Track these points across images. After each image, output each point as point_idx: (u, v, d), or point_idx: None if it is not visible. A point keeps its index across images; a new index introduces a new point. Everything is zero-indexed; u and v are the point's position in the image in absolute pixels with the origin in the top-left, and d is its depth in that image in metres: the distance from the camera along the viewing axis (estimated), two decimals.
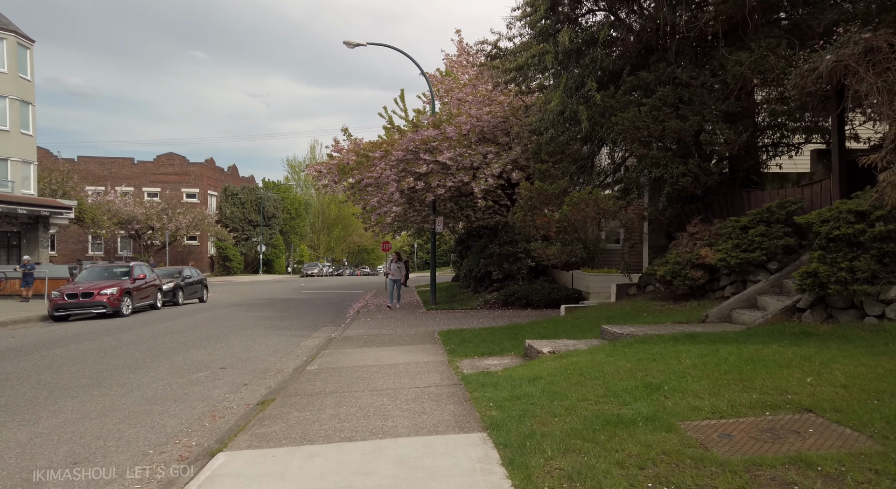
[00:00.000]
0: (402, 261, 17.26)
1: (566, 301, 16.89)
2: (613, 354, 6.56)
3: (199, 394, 7.10)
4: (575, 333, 9.09)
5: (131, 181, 52.18)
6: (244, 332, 13.52)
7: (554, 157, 11.74)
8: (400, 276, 17.21)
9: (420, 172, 15.13)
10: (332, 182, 19.53)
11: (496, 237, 20.89)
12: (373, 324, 14.53)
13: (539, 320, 12.36)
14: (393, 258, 17.89)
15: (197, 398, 6.91)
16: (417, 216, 19.25)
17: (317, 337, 12.82)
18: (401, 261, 17.37)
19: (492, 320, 14.46)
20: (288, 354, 10.35)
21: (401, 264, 17.39)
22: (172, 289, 22.49)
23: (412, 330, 12.93)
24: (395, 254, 18.19)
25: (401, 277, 17.11)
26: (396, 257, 17.97)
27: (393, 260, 17.89)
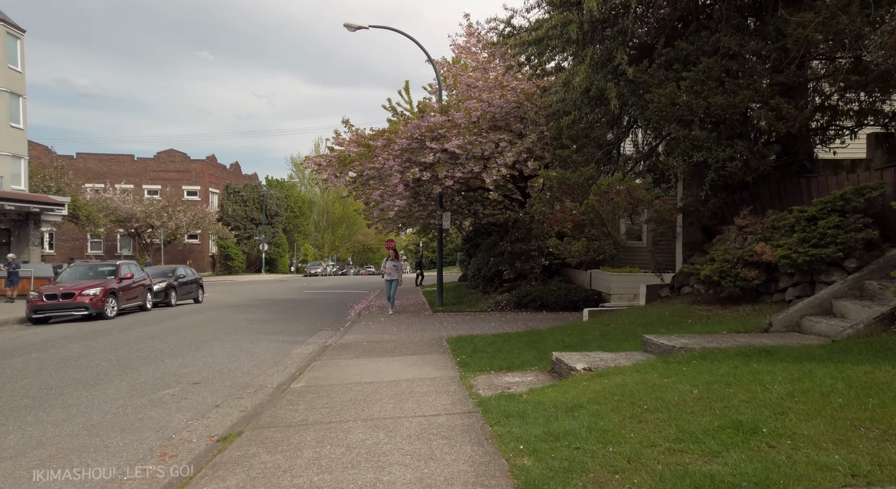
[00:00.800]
0: (398, 260, 15.57)
1: (585, 303, 15.54)
2: (669, 374, 5.21)
3: (156, 421, 5.80)
4: (608, 344, 7.74)
5: (131, 178, 51.10)
6: (232, 338, 12.25)
7: (577, 142, 10.42)
8: (397, 276, 15.40)
9: (426, 162, 13.81)
10: (333, 176, 18.25)
11: (506, 234, 19.55)
12: (374, 328, 13.22)
13: (560, 326, 11.01)
14: (390, 255, 15.80)
15: (151, 426, 5.61)
16: (423, 211, 17.92)
17: (311, 343, 11.53)
18: (398, 260, 15.62)
19: (505, 324, 13.12)
20: (275, 365, 9.05)
21: (398, 263, 15.61)
22: (164, 290, 21.26)
23: (417, 335, 11.62)
24: (392, 251, 15.89)
25: (398, 277, 15.41)
26: (393, 255, 15.78)
27: (389, 257, 15.78)
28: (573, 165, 10.34)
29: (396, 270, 15.63)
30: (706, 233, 10.65)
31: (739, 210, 8.95)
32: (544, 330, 10.62)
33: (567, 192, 10.10)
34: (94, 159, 51.26)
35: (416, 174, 13.70)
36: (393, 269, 15.55)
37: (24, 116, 28.86)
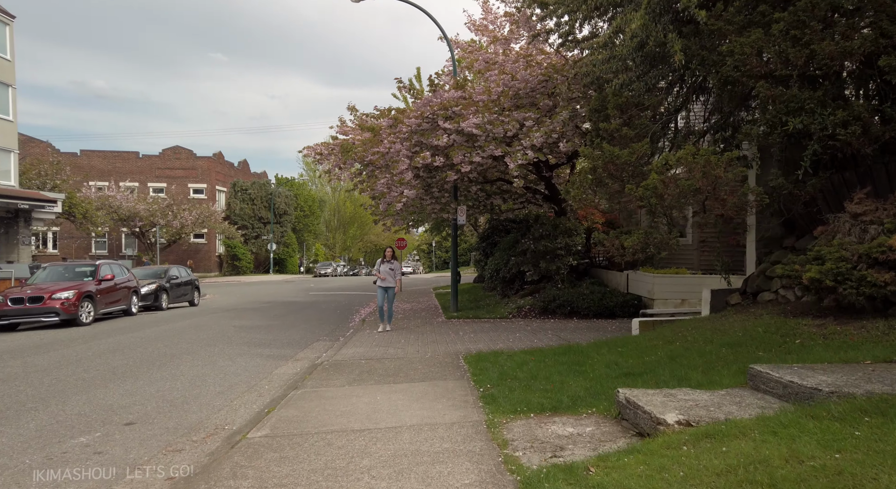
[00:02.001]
0: (395, 262, 12.55)
1: (623, 310, 13.46)
2: (839, 445, 3.18)
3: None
4: (688, 373, 5.68)
5: (136, 176, 49.67)
6: (209, 351, 10.34)
7: (626, 112, 8.39)
8: (393, 282, 12.32)
9: (439, 145, 11.80)
10: (337, 167, 16.30)
11: (528, 231, 17.49)
12: (378, 339, 11.26)
13: (605, 340, 8.94)
14: (386, 257, 12.59)
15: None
16: (435, 204, 15.91)
17: (301, 359, 9.58)
18: (395, 262, 12.56)
19: (532, 335, 11.08)
20: (246, 393, 7.11)
21: (394, 265, 12.43)
22: (154, 292, 19.48)
23: (428, 350, 9.62)
24: (388, 251, 12.84)
25: (394, 283, 12.34)
26: (389, 255, 12.66)
27: (385, 259, 12.55)
28: (621, 141, 8.28)
29: (393, 275, 12.32)
30: (787, 225, 8.53)
31: (848, 193, 6.84)
32: (586, 346, 8.56)
33: (614, 174, 8.05)
34: (99, 156, 49.89)
35: (426, 159, 11.70)
36: (389, 274, 12.26)
37: (14, 107, 27.30)
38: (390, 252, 12.77)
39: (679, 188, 6.87)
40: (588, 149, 8.47)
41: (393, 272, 12.37)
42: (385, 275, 12.31)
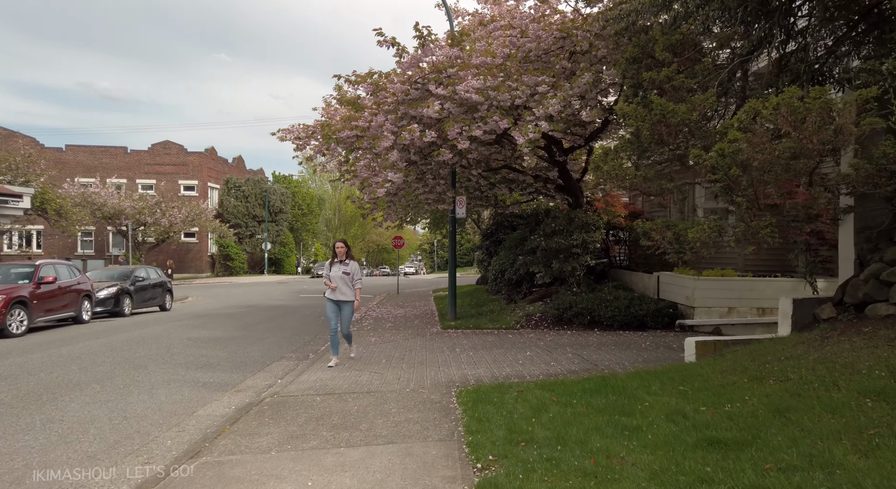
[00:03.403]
0: (353, 262, 8.46)
1: (656, 320, 11.10)
2: None
3: None
4: (823, 444, 3.35)
5: (124, 172, 47.44)
6: (130, 377, 8.03)
7: (682, 54, 6.08)
8: (351, 295, 8.34)
9: (430, 116, 9.46)
10: (320, 153, 13.97)
11: (538, 226, 15.13)
12: (353, 360, 8.93)
13: (651, 369, 6.54)
14: (338, 254, 8.45)
15: None
16: (430, 194, 13.56)
17: (242, 390, 7.25)
18: (351, 262, 8.43)
19: (547, 353, 8.71)
20: (125, 459, 4.79)
21: (350, 268, 8.33)
22: (115, 296, 17.22)
23: (413, 376, 7.29)
24: (339, 245, 8.52)
25: (352, 296, 8.36)
26: (343, 251, 8.43)
27: (336, 258, 8.45)
28: (675, 95, 5.95)
29: (349, 282, 8.28)
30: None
31: None
32: (625, 376, 6.21)
33: (664, 139, 5.73)
34: (85, 152, 47.72)
35: (414, 133, 9.36)
36: (342, 281, 8.24)
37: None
38: (343, 247, 8.40)
39: (775, 151, 4.52)
40: (629, 105, 6.12)
41: (349, 278, 8.26)
42: (336, 283, 8.22)
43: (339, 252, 8.47)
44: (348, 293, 8.41)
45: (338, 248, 8.50)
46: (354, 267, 8.47)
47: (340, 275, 8.33)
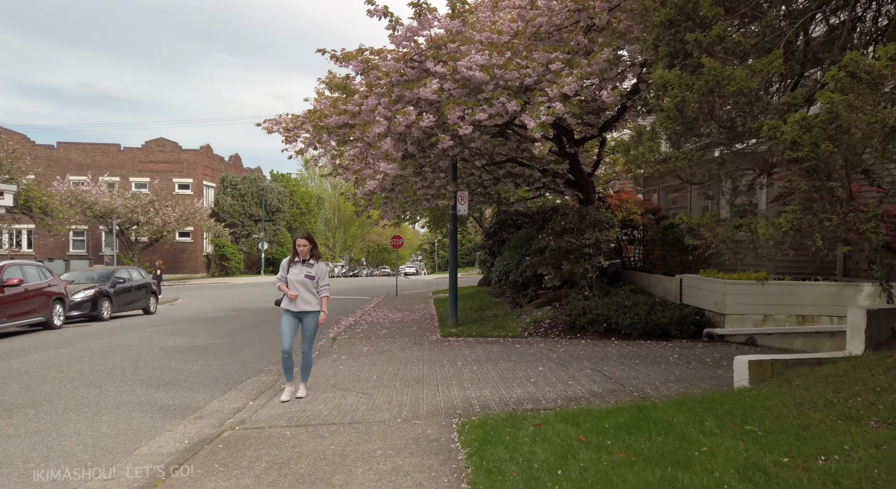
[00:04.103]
0: (319, 262, 6.55)
1: (681, 328, 9.93)
2: None
3: None
4: None
5: (116, 170, 46.27)
6: (79, 398, 6.89)
7: (730, 15, 4.92)
8: (315, 304, 6.49)
9: (428, 97, 8.30)
10: (311, 146, 12.81)
11: (545, 225, 13.99)
12: (341, 374, 7.78)
13: (697, 397, 5.37)
14: (299, 252, 6.50)
15: None
16: (429, 189, 12.39)
17: (204, 417, 6.09)
18: (317, 262, 6.53)
19: (562, 369, 7.53)
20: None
21: (316, 269, 6.47)
22: (92, 299, 16.09)
23: (406, 399, 6.14)
24: (300, 242, 6.54)
25: (317, 305, 6.51)
26: (306, 248, 6.48)
27: (297, 257, 6.54)
28: (724, 59, 4.79)
29: (311, 288, 6.43)
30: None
31: None
32: (665, 405, 5.05)
33: (716, 114, 4.58)
34: (77, 149, 46.56)
35: (409, 116, 8.20)
36: (304, 286, 6.40)
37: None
38: (306, 244, 6.43)
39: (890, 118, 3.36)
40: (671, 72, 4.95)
41: (313, 282, 6.38)
42: (297, 289, 6.35)
43: (302, 250, 6.44)
44: (312, 301, 6.47)
45: (299, 246, 6.47)
46: (321, 268, 6.50)
47: (302, 278, 6.39)
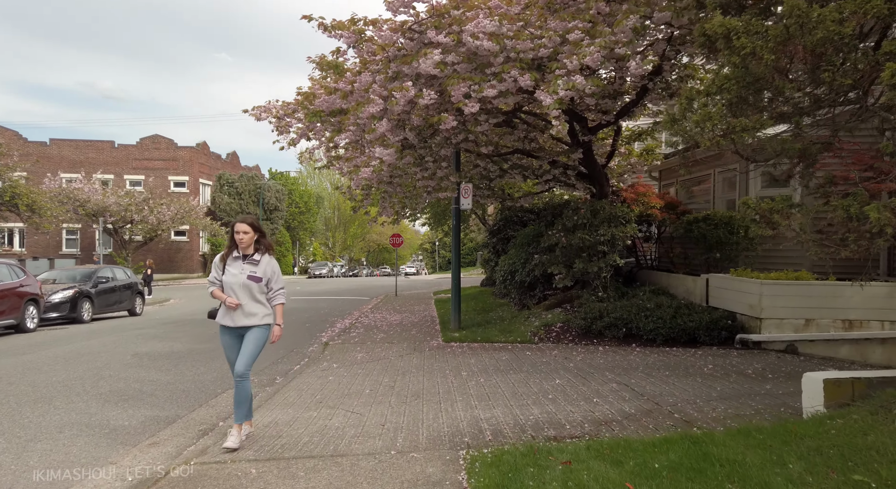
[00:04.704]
0: (265, 256, 4.77)
1: (710, 334, 8.91)
2: None
3: None
4: None
5: (111, 167, 45.27)
6: (8, 420, 5.88)
7: None
8: (263, 314, 4.72)
9: (428, 72, 7.29)
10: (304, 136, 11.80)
11: (555, 221, 12.98)
12: (330, 387, 6.76)
13: (765, 427, 4.34)
14: (240, 242, 4.67)
15: None
16: (429, 181, 11.38)
17: (156, 445, 5.07)
18: (263, 255, 4.76)
19: (583, 383, 6.51)
20: None
21: (263, 267, 4.71)
22: (71, 300, 15.11)
23: (404, 421, 5.11)
24: (239, 227, 4.67)
25: (263, 316, 4.71)
26: (250, 238, 4.68)
27: (235, 250, 4.74)
28: None
29: (256, 293, 4.70)
30: None
31: None
32: (725, 437, 4.03)
33: (788, 67, 3.57)
34: (70, 146, 45.56)
35: (407, 93, 7.19)
36: (244, 291, 4.65)
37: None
38: (249, 232, 4.71)
39: None
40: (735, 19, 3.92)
41: (259, 286, 4.71)
42: (236, 295, 4.67)
43: (243, 240, 4.63)
44: (258, 312, 4.67)
45: (239, 234, 4.63)
46: (270, 266, 4.78)
47: (244, 281, 4.60)
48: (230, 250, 4.84)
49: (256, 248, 4.83)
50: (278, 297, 4.93)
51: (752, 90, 3.95)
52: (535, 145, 13.16)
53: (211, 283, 4.86)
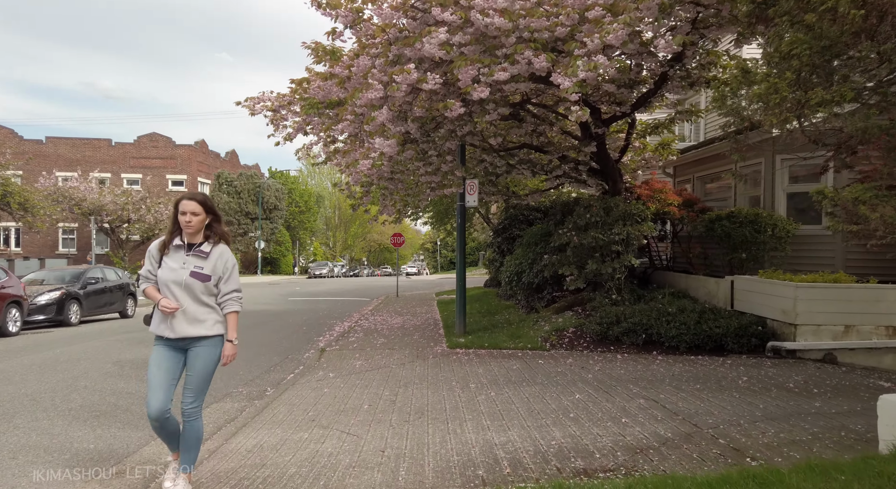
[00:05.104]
0: (220, 246, 3.71)
1: (739, 341, 8.20)
2: None
3: None
4: None
5: (108, 166, 44.62)
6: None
7: None
8: (214, 322, 3.68)
9: (433, 54, 6.61)
10: (301, 131, 11.15)
11: (565, 220, 12.30)
12: (325, 401, 6.07)
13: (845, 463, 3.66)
14: (186, 225, 3.58)
15: None
16: (433, 176, 10.68)
17: (119, 476, 4.40)
18: (211, 245, 3.68)
19: (607, 399, 5.80)
20: None
21: (206, 258, 3.62)
22: (58, 302, 14.45)
23: (406, 445, 4.42)
24: (188, 203, 3.59)
25: (217, 325, 3.69)
26: (199, 219, 3.61)
27: (181, 237, 3.66)
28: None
29: (202, 295, 3.62)
30: None
31: None
32: (795, 477, 3.33)
33: (877, 26, 2.90)
34: (66, 144, 44.94)
35: (410, 75, 6.51)
36: (186, 293, 3.58)
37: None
38: (197, 212, 3.61)
39: None
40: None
41: (205, 285, 3.62)
42: (176, 297, 3.57)
43: (190, 222, 3.58)
44: (205, 317, 3.65)
45: (186, 216, 3.58)
46: (221, 261, 3.68)
47: (186, 278, 3.57)
48: (172, 235, 3.68)
49: (207, 236, 3.70)
50: (231, 304, 3.72)
51: (826, 57, 3.25)
52: (543, 140, 12.49)
53: (144, 279, 3.73)
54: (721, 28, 7.95)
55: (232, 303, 3.76)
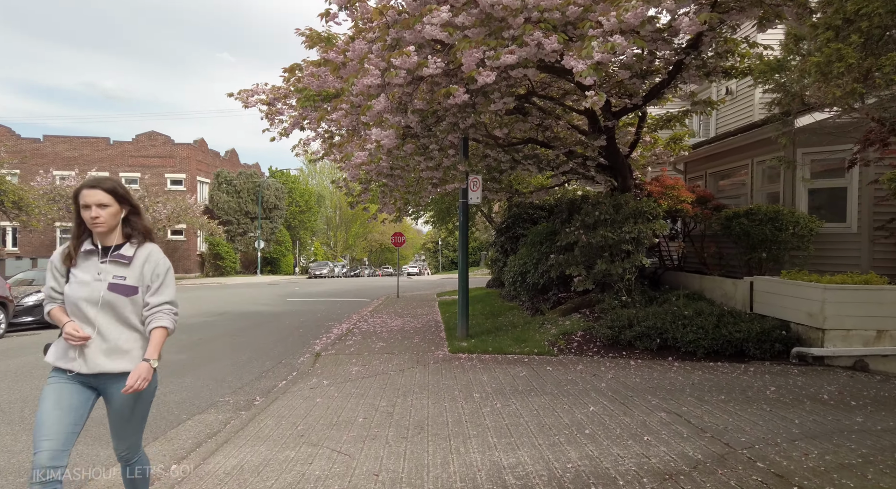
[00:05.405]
0: (143, 244, 2.87)
1: (761, 347, 7.66)
2: None
3: None
4: None
5: (106, 165, 44.11)
6: None
7: None
8: (137, 352, 2.83)
9: (434, 36, 6.10)
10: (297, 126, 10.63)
11: (571, 218, 11.78)
12: (316, 413, 5.54)
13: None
14: (94, 223, 2.75)
15: None
16: (434, 172, 10.16)
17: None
18: (136, 245, 2.85)
19: (625, 413, 5.26)
20: None
21: (129, 264, 2.82)
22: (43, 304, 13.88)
23: (404, 468, 3.88)
24: (93, 193, 2.70)
25: (141, 353, 2.83)
26: (114, 211, 2.76)
27: (90, 239, 2.83)
28: None
29: (124, 312, 2.78)
30: None
31: None
32: None
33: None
34: (64, 143, 44.46)
35: (409, 58, 6.00)
36: (105, 312, 2.76)
37: None
38: (108, 203, 2.75)
39: None
40: None
41: (125, 300, 2.77)
42: (88, 315, 2.76)
43: (98, 218, 2.73)
44: (130, 346, 2.84)
45: (91, 210, 2.73)
46: (150, 263, 2.86)
47: (105, 294, 2.75)
48: (79, 240, 2.81)
49: (127, 236, 2.83)
50: (160, 317, 2.83)
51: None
52: (549, 134, 11.97)
53: (49, 299, 2.85)
54: (742, 12, 7.42)
55: (160, 316, 2.82)
